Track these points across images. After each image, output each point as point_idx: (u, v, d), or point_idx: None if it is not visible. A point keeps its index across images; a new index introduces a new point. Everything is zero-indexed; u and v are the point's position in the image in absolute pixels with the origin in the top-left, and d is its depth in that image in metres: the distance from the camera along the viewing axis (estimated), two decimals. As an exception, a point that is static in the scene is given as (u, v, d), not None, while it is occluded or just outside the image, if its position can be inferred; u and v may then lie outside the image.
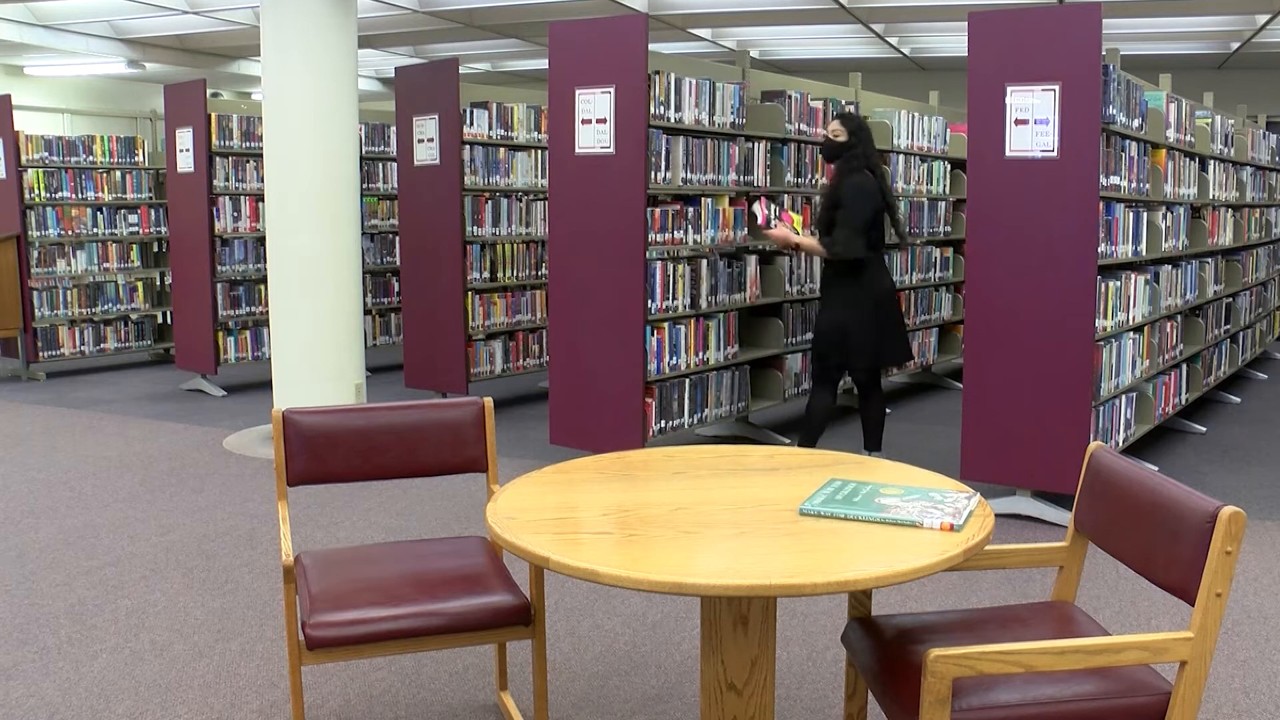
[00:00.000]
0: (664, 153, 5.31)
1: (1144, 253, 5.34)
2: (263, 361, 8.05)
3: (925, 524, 2.11)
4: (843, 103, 6.66)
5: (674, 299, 5.46)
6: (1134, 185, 5.16)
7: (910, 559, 1.95)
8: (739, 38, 12.35)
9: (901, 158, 7.20)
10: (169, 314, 9.48)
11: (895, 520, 2.14)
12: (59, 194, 8.58)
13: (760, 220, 5.21)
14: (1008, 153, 4.62)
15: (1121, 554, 2.25)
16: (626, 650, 3.44)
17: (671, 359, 5.47)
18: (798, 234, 5.22)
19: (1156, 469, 3.81)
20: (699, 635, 2.87)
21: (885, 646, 2.24)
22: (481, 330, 7.15)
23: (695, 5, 10.25)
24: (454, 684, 3.20)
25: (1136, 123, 5.11)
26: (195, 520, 4.79)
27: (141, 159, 9.12)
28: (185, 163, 7.67)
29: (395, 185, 8.45)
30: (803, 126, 6.20)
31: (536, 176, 7.68)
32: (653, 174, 5.24)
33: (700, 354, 5.65)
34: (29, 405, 7.44)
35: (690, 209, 5.52)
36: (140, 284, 9.10)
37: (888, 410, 7.32)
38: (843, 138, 5.12)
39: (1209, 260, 6.66)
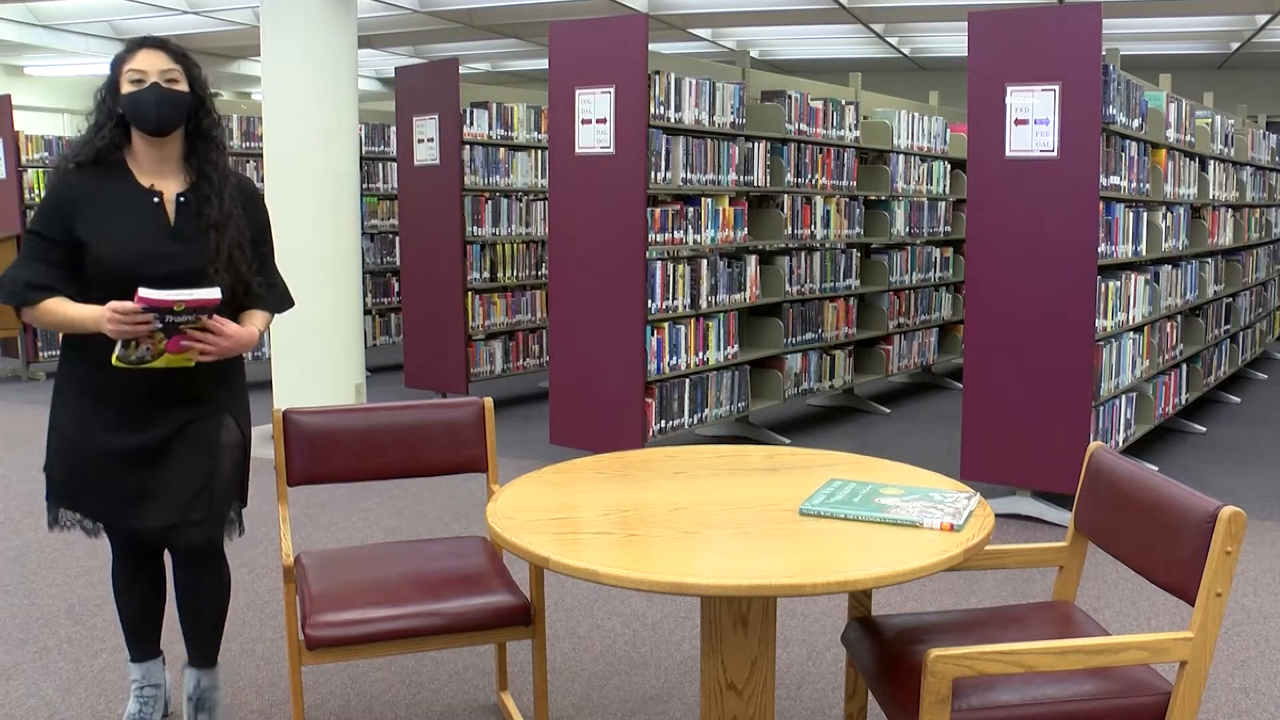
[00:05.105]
0: (664, 153, 5.31)
1: (1144, 253, 5.34)
2: (263, 361, 8.04)
3: (925, 524, 2.11)
4: (843, 102, 6.65)
5: (674, 299, 5.46)
6: (1134, 185, 5.16)
7: (910, 559, 1.95)
8: (739, 38, 12.34)
9: (901, 158, 7.20)
10: (169, 314, 9.46)
11: (895, 520, 2.14)
12: (59, 194, 8.57)
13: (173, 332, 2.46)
14: (1008, 153, 4.62)
15: (1121, 554, 2.25)
16: (626, 650, 3.44)
17: (671, 359, 5.47)
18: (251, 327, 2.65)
19: (1156, 469, 3.81)
20: (699, 635, 2.87)
21: (885, 646, 2.24)
22: (481, 330, 7.14)
23: (695, 5, 10.25)
24: (454, 684, 3.20)
25: (1136, 123, 5.11)
26: (195, 520, 4.79)
27: (141, 159, 9.11)
28: (185, 163, 7.65)
29: (395, 185, 8.44)
30: (803, 126, 6.20)
31: (536, 176, 7.67)
32: (653, 174, 5.24)
33: (700, 354, 5.65)
34: (29, 405, 7.43)
35: (690, 209, 5.52)
36: (140, 284, 9.09)
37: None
38: (182, 85, 2.55)
39: (1209, 260, 6.66)
